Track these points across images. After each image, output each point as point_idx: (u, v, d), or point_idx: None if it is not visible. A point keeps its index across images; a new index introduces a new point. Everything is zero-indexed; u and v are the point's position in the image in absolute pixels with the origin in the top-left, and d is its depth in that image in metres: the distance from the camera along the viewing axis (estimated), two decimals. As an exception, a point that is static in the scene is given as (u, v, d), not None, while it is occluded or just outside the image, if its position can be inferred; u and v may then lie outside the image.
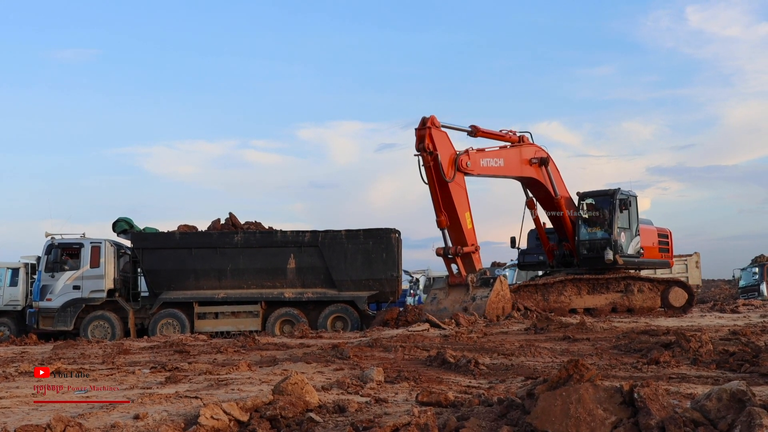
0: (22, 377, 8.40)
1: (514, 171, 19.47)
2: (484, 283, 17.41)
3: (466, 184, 17.94)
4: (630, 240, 20.30)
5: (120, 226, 19.78)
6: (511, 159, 19.31)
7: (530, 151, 19.82)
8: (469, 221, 17.73)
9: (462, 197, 17.60)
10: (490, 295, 16.83)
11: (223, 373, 8.21)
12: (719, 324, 14.87)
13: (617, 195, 20.07)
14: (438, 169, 16.89)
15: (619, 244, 19.84)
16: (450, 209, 17.39)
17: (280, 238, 19.23)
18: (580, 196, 20.71)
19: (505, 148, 19.43)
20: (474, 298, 17.19)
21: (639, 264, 20.85)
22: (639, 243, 20.53)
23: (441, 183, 17.10)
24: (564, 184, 20.73)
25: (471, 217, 17.86)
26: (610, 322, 15.74)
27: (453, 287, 17.82)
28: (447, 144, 17.45)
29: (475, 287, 17.33)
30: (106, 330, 18.59)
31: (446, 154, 17.21)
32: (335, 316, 18.95)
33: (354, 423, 4.62)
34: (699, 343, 9.30)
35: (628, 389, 4.13)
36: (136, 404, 5.89)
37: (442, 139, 17.29)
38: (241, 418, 5.00)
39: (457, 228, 17.53)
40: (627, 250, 20.12)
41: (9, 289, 20.14)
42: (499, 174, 19.24)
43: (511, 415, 4.46)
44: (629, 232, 20.31)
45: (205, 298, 18.89)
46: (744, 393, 3.96)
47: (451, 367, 8.47)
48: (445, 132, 17.43)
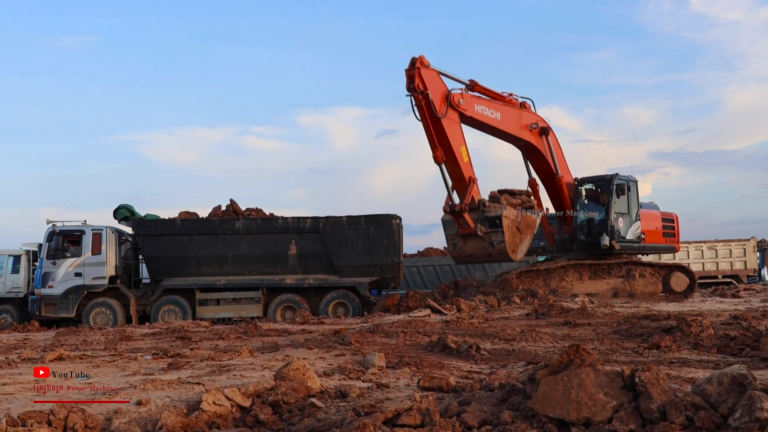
0: (24, 364, 8.44)
1: (511, 129, 19.25)
2: (491, 224, 17.42)
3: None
4: (629, 225, 20.22)
5: (121, 213, 19.78)
6: (509, 116, 19.18)
7: (531, 117, 19.74)
8: (465, 155, 17.64)
9: (456, 132, 17.50)
10: (506, 237, 17.03)
11: (225, 359, 8.24)
12: (720, 309, 14.88)
13: (614, 180, 19.98)
14: (430, 106, 16.81)
15: (617, 229, 19.79)
16: (445, 145, 17.28)
17: (281, 224, 19.22)
18: (578, 182, 20.66)
19: (502, 104, 19.26)
20: (492, 243, 17.30)
21: (640, 249, 20.80)
22: (640, 228, 20.45)
23: (434, 120, 17.03)
24: (567, 165, 20.66)
25: (467, 150, 17.77)
26: (611, 307, 15.75)
27: (466, 237, 17.85)
28: (438, 82, 17.31)
29: (486, 232, 17.43)
30: (107, 317, 18.64)
31: (438, 91, 17.14)
32: (336, 302, 18.98)
33: (356, 408, 4.63)
34: (700, 327, 9.32)
35: (629, 374, 4.14)
36: (139, 390, 5.91)
37: (433, 77, 17.16)
38: (243, 403, 5.02)
39: (454, 162, 17.43)
40: (626, 235, 20.07)
41: (11, 277, 20.18)
42: (495, 126, 18.90)
43: (513, 400, 4.47)
44: (628, 217, 20.22)
45: (206, 284, 18.92)
46: (745, 377, 3.97)
47: (452, 353, 8.49)
48: (435, 71, 17.28)
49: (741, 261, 29.07)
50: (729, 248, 29.24)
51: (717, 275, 28.90)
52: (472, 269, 23.98)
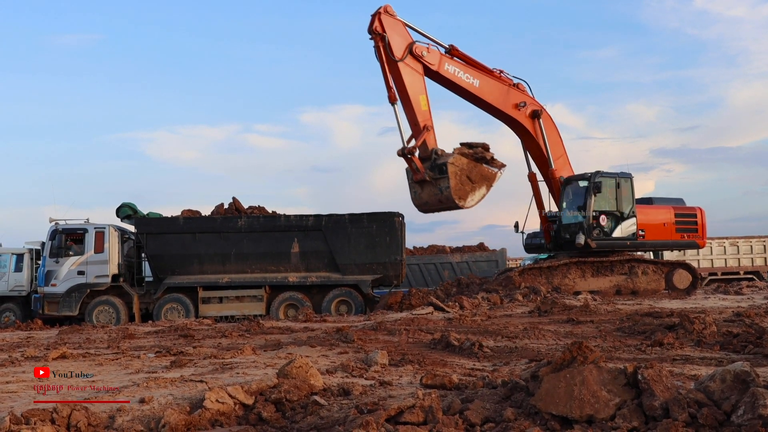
0: (27, 362, 8.45)
1: (493, 100, 19.40)
2: (440, 171, 17.58)
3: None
4: (616, 223, 19.94)
5: (124, 212, 19.80)
6: (490, 87, 19.36)
7: (521, 96, 19.81)
8: (423, 103, 17.89)
9: (416, 80, 17.84)
10: (451, 183, 17.29)
11: (228, 357, 8.24)
12: (723, 306, 14.86)
13: (593, 178, 19.79)
14: (386, 49, 17.43)
15: (595, 227, 19.59)
16: (402, 90, 17.67)
17: (284, 222, 19.24)
18: (564, 181, 20.50)
19: (486, 75, 19.45)
20: (441, 189, 17.59)
21: (638, 246, 20.51)
22: (634, 225, 20.12)
23: (390, 63, 17.52)
24: (567, 159, 20.53)
25: (427, 100, 18.00)
26: (614, 304, 15.74)
27: (422, 184, 18.16)
28: (402, 31, 17.89)
29: (434, 178, 17.68)
30: (110, 315, 18.67)
31: (401, 39, 17.75)
32: (339, 300, 18.99)
33: (358, 406, 4.63)
34: (703, 324, 9.31)
35: (632, 371, 4.14)
36: (142, 388, 5.92)
37: (395, 25, 17.77)
38: (246, 401, 5.02)
39: (410, 108, 17.75)
40: (611, 233, 19.81)
41: (14, 275, 20.22)
42: (472, 92, 19.08)
43: (515, 398, 4.46)
44: (614, 215, 19.93)
45: (209, 282, 18.94)
46: (748, 374, 3.96)
47: (455, 350, 8.49)
48: (401, 21, 17.89)
49: (762, 257, 29.16)
50: (750, 245, 29.33)
51: (739, 271, 29.02)
52: (475, 268, 24.02)
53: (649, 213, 20.62)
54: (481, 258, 24.83)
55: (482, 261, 24.67)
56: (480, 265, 24.35)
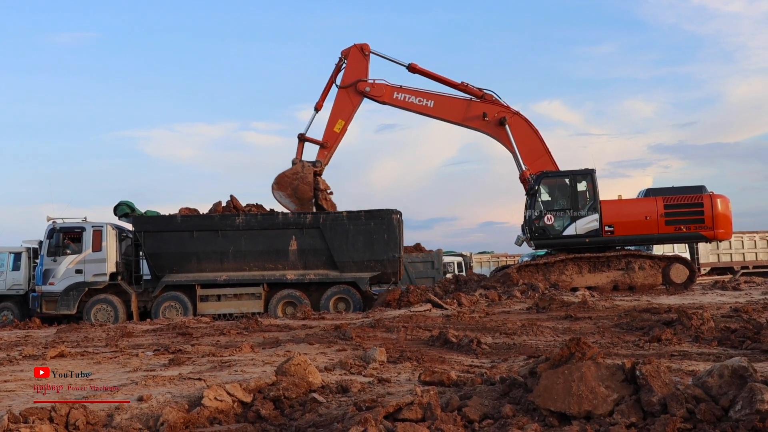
0: (26, 361, 8.45)
1: (449, 116, 21.05)
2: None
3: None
4: (569, 220, 19.82)
5: (121, 210, 19.76)
6: (447, 105, 20.91)
7: (483, 107, 20.65)
8: (338, 126, 20.78)
9: (345, 107, 20.74)
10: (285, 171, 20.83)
11: (226, 354, 8.25)
12: (721, 301, 14.88)
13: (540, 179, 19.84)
14: (338, 72, 20.86)
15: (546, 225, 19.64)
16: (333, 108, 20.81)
17: (282, 220, 19.22)
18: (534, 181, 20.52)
19: (442, 95, 21.01)
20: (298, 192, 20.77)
21: (605, 242, 20.04)
22: (597, 221, 19.91)
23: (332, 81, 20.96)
24: (548, 158, 20.56)
25: (344, 126, 20.86)
26: (612, 300, 15.77)
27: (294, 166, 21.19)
28: (362, 68, 20.76)
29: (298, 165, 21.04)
30: (108, 313, 18.64)
31: (354, 74, 20.72)
32: (337, 298, 18.98)
33: (357, 403, 4.64)
34: (700, 320, 9.33)
35: (630, 367, 4.14)
36: (140, 386, 5.92)
37: (359, 61, 20.73)
38: (245, 399, 5.03)
39: (329, 123, 20.78)
40: (563, 231, 19.70)
41: (12, 274, 20.17)
42: (427, 113, 20.98)
43: (514, 394, 4.47)
44: (570, 212, 19.82)
45: (207, 280, 18.92)
46: (745, 369, 3.97)
47: (453, 347, 8.50)
48: (366, 59, 20.81)
49: None
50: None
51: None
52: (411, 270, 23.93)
53: (621, 207, 20.38)
54: (417, 259, 24.79)
55: (418, 262, 24.61)
56: (416, 266, 24.27)
